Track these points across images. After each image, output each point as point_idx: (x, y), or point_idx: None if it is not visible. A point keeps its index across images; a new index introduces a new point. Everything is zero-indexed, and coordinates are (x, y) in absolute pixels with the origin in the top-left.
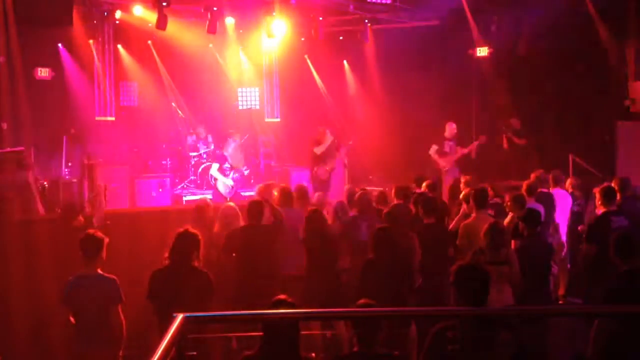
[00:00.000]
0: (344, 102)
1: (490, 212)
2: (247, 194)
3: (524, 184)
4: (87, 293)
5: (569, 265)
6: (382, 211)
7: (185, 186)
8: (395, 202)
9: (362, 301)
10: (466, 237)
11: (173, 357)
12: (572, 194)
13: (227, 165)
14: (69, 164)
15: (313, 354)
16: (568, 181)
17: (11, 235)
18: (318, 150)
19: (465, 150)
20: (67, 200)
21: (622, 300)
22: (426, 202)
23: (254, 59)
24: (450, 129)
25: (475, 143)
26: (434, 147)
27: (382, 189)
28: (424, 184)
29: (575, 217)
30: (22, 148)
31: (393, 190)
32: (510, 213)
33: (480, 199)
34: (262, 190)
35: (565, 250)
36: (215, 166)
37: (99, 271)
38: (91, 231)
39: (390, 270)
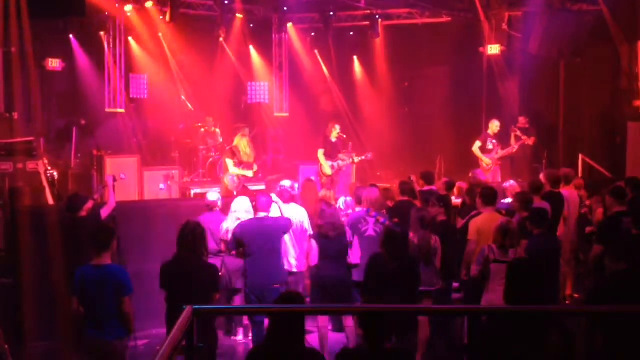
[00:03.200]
0: (353, 97)
1: (503, 212)
2: (254, 187)
3: (530, 183)
4: (98, 283)
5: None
6: (388, 207)
7: (193, 179)
8: (399, 198)
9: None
10: (475, 234)
11: (182, 348)
12: (580, 195)
13: (236, 160)
14: (79, 155)
15: (318, 347)
16: (576, 181)
17: (21, 225)
18: (327, 145)
19: (511, 150)
20: (73, 190)
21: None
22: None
23: (264, 53)
24: (494, 126)
25: (522, 142)
26: (478, 144)
27: (389, 185)
28: (442, 179)
29: (583, 217)
30: (32, 138)
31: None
32: (518, 212)
33: (489, 197)
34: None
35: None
36: (230, 162)
37: (109, 262)
38: (102, 222)
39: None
